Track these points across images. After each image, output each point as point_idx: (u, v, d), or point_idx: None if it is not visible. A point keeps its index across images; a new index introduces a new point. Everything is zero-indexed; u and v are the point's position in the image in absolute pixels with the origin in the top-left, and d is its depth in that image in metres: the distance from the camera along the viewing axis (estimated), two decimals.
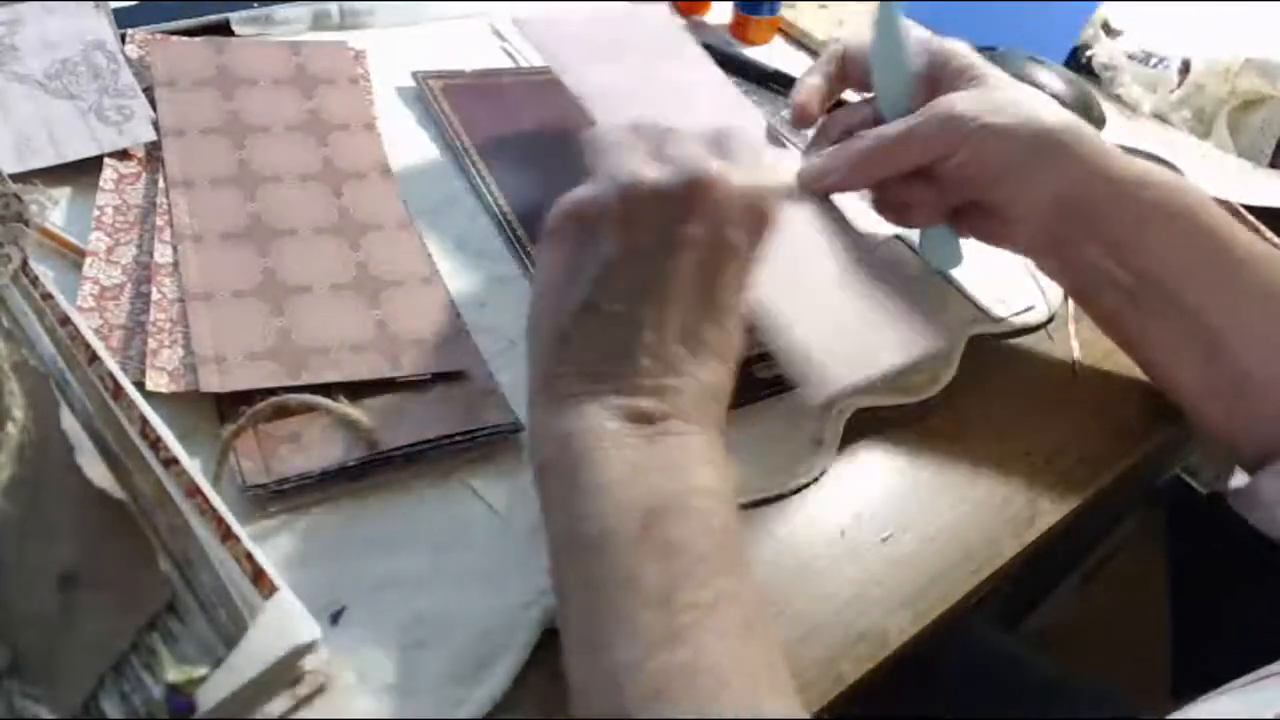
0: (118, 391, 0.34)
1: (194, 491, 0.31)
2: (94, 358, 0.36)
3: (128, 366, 0.40)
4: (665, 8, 0.62)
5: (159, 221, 0.45)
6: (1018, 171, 0.45)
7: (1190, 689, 0.38)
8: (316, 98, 0.55)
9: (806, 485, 0.44)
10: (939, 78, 0.48)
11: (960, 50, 0.48)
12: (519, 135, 0.57)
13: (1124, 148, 0.68)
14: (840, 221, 0.49)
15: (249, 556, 0.31)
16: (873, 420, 0.47)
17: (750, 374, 0.46)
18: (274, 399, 0.39)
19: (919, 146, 0.46)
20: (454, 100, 0.58)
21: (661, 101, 0.52)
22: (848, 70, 0.52)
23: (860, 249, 0.48)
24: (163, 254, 0.44)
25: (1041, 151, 0.45)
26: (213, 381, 0.39)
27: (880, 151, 0.46)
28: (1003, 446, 0.48)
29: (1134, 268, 0.45)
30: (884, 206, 0.50)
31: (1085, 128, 0.45)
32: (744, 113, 0.55)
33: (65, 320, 0.37)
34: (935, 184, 0.47)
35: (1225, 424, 0.46)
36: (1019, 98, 0.46)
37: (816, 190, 0.49)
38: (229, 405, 0.39)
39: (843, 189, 0.49)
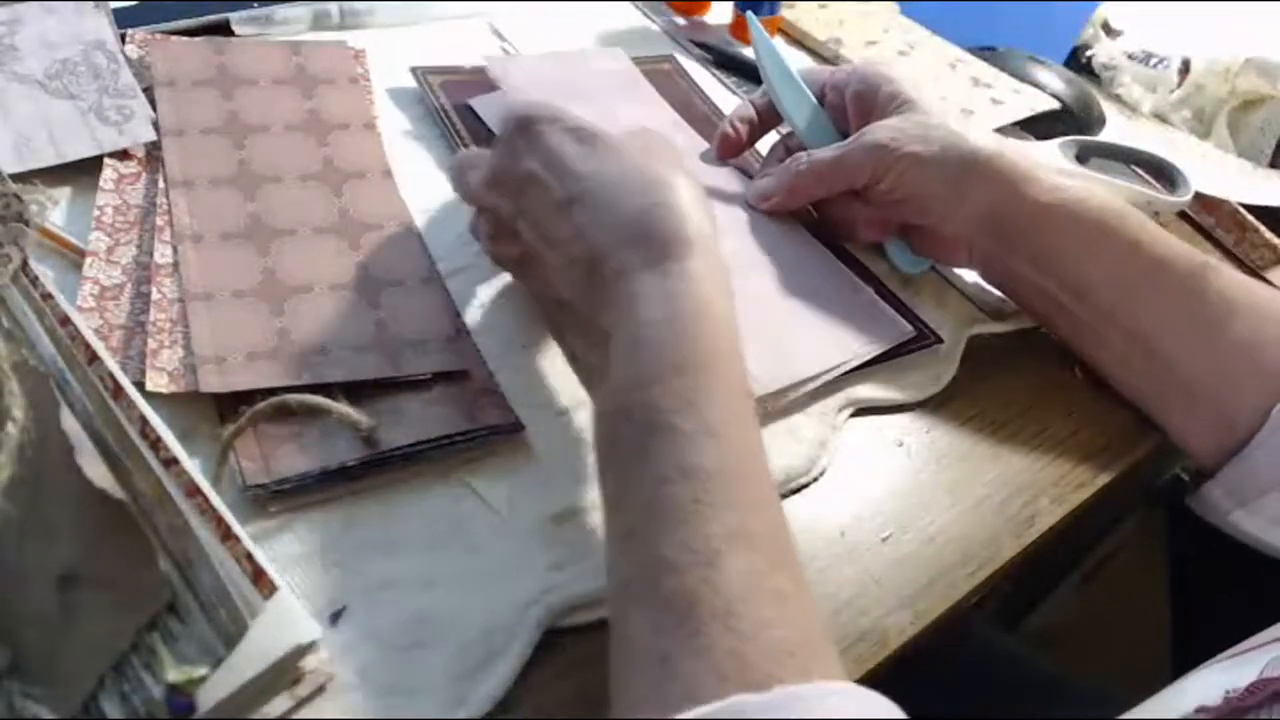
0: (118, 391, 0.34)
1: (194, 491, 0.31)
2: (94, 358, 0.36)
3: (128, 366, 0.40)
4: (619, 51, 0.64)
5: (159, 221, 0.45)
6: (943, 195, 0.49)
7: None
8: (316, 97, 0.55)
9: (806, 485, 0.44)
10: (870, 105, 0.52)
11: (888, 77, 0.52)
12: None
13: (1124, 148, 0.68)
14: (782, 230, 0.53)
15: (249, 556, 0.31)
16: (873, 420, 0.47)
17: None
18: (274, 399, 0.39)
19: (847, 172, 0.50)
20: (453, 96, 0.58)
21: None
22: (764, 117, 0.57)
23: (799, 258, 0.52)
24: (163, 254, 0.44)
25: (964, 176, 0.48)
26: (213, 382, 0.39)
27: (812, 176, 0.51)
28: (1003, 446, 0.48)
29: (1064, 282, 0.48)
30: (830, 224, 0.54)
31: (1007, 153, 0.49)
32: (697, 150, 0.58)
33: (65, 320, 0.37)
34: (872, 204, 0.51)
35: (1177, 425, 0.48)
36: (944, 124, 0.49)
37: (763, 210, 0.53)
38: (229, 405, 0.39)
39: (783, 209, 0.53)
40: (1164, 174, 0.67)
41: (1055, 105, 0.72)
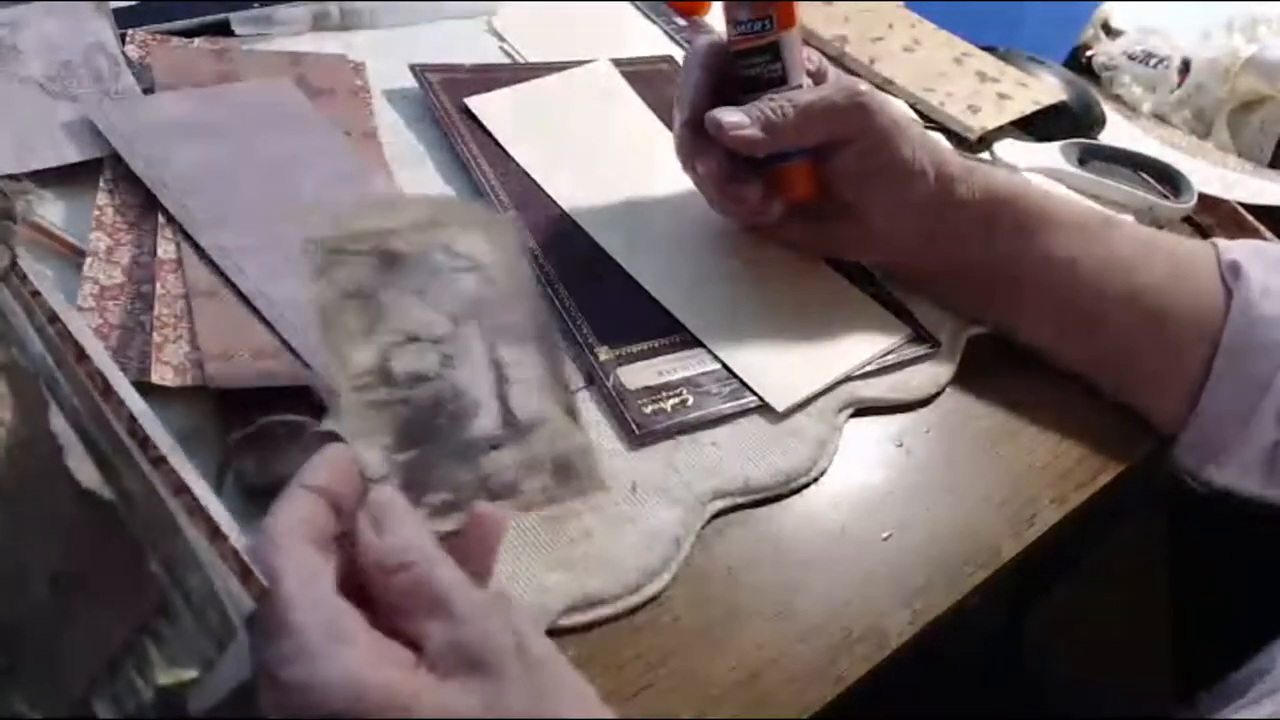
0: (106, 390, 0.34)
1: (182, 490, 0.31)
2: (82, 355, 0.35)
3: (128, 366, 0.39)
4: (287, 83, 0.55)
5: (160, 219, 0.45)
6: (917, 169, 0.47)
7: (1191, 688, 0.37)
8: (317, 108, 0.54)
9: (806, 485, 0.44)
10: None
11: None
12: None
13: (1127, 152, 0.68)
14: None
15: (236, 555, 0.30)
16: (873, 420, 0.47)
17: (741, 379, 0.46)
18: (291, 419, 0.38)
19: (835, 118, 0.46)
20: (452, 94, 0.57)
21: (260, 177, 0.48)
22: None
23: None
24: (166, 250, 0.44)
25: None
26: (220, 377, 0.39)
27: (799, 118, 0.45)
28: (1003, 446, 0.48)
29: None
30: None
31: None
32: (362, 181, 0.50)
33: (54, 318, 0.37)
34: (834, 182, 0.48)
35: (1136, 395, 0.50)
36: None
37: (730, 139, 0.45)
38: (231, 404, 0.39)
39: (752, 148, 0.46)
40: (1167, 179, 0.67)
41: (1063, 96, 0.72)
